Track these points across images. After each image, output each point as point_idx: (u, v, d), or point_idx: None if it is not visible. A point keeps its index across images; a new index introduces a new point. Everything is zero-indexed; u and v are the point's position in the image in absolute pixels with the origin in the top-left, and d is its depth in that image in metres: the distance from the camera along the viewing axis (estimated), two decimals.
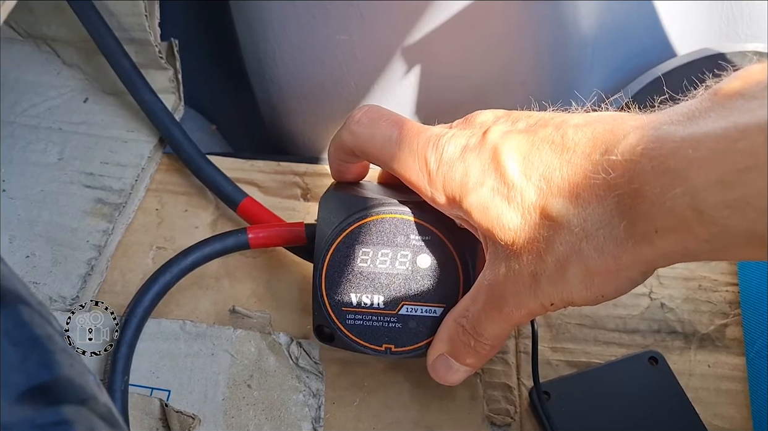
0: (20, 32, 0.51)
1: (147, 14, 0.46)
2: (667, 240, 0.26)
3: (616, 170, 0.26)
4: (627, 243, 0.27)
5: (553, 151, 0.29)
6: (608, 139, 0.27)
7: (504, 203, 0.30)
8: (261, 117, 0.55)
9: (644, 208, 0.26)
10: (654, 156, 0.25)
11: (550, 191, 0.29)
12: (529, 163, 0.29)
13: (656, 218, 0.25)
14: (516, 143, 0.30)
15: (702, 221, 0.24)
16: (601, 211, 0.27)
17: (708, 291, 0.42)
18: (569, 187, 0.28)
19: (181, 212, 0.46)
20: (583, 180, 0.28)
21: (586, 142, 0.28)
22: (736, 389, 0.39)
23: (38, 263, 0.42)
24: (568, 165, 0.28)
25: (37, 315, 0.22)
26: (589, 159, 0.28)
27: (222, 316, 0.42)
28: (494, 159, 0.30)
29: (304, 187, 0.47)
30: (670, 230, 0.25)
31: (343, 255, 0.36)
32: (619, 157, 0.26)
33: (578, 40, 0.48)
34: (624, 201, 0.26)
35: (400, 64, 0.47)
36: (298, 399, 0.38)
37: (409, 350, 0.36)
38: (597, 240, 0.27)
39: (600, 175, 0.27)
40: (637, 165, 0.26)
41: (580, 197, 0.28)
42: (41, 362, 0.21)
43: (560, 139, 0.29)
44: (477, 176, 0.31)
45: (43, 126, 0.48)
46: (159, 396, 0.38)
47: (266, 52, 0.50)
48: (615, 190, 0.26)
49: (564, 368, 0.40)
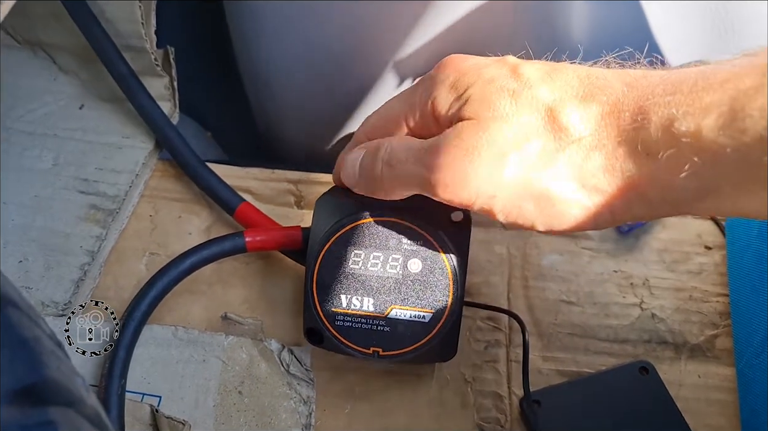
0: (17, 38, 0.52)
1: (143, 22, 0.46)
2: (657, 164, 0.26)
3: (631, 89, 0.27)
4: (617, 159, 0.27)
5: (574, 72, 0.30)
6: (635, 74, 0.28)
7: (512, 94, 0.29)
8: (255, 124, 0.56)
9: (644, 125, 0.26)
10: (670, 82, 0.26)
11: (564, 95, 0.29)
12: (550, 76, 0.30)
13: (652, 137, 0.26)
14: (538, 64, 0.31)
15: (696, 144, 0.25)
16: (605, 122, 0.28)
17: (698, 301, 0.42)
18: (584, 96, 0.28)
19: (174, 218, 0.46)
20: (599, 95, 0.28)
21: (610, 73, 0.29)
22: (726, 399, 0.39)
23: (31, 268, 0.42)
24: (589, 84, 0.29)
25: (25, 318, 0.22)
26: (610, 80, 0.28)
27: (214, 322, 0.42)
28: (513, 69, 0.31)
29: (298, 194, 0.47)
30: (662, 152, 0.26)
31: (335, 257, 0.36)
32: (640, 81, 0.27)
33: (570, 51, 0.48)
34: (628, 117, 0.27)
35: (393, 72, 0.48)
36: (289, 406, 0.38)
37: (397, 354, 0.36)
38: (588, 149, 0.28)
39: (614, 93, 0.28)
40: (652, 87, 0.27)
41: (589, 106, 0.28)
42: (29, 364, 0.21)
43: (585, 69, 0.30)
44: (491, 76, 0.31)
45: (39, 132, 0.48)
46: (150, 401, 0.38)
47: (261, 60, 0.50)
48: (622, 106, 0.27)
49: (554, 377, 0.40)
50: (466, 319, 0.41)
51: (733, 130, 0.24)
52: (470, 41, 0.46)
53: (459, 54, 0.33)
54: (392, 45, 0.46)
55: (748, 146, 0.23)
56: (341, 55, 0.48)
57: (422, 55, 0.46)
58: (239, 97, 0.55)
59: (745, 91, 0.24)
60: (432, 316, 0.36)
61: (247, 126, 0.56)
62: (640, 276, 0.43)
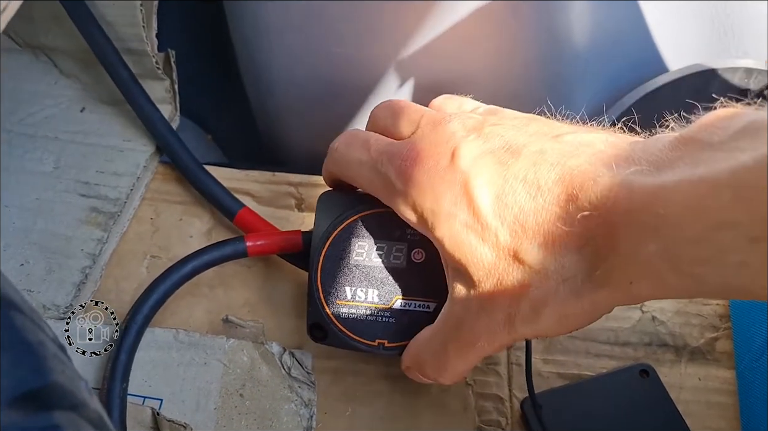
0: (19, 42, 0.52)
1: (144, 25, 0.46)
2: (642, 288, 0.26)
3: (590, 221, 0.26)
4: (602, 289, 0.27)
5: (526, 191, 0.29)
6: (578, 182, 0.27)
7: (477, 240, 0.30)
8: (256, 127, 0.56)
9: (618, 260, 0.26)
10: (626, 209, 0.25)
11: (525, 236, 0.28)
12: (503, 204, 0.29)
13: (630, 270, 0.26)
14: (488, 176, 0.30)
15: (677, 274, 0.25)
16: (577, 258, 0.27)
17: (698, 304, 0.42)
18: (544, 234, 0.28)
19: (176, 221, 0.46)
20: (557, 229, 0.28)
21: (558, 185, 0.28)
22: (726, 402, 0.39)
23: (32, 271, 0.42)
24: (542, 211, 0.28)
25: (29, 322, 0.22)
26: (562, 206, 0.28)
27: (215, 325, 0.42)
28: (466, 192, 0.30)
29: (299, 197, 0.47)
30: (644, 280, 0.26)
31: (339, 249, 0.36)
32: (592, 210, 0.26)
33: (570, 54, 0.48)
34: (599, 251, 0.27)
35: (394, 77, 0.48)
36: (290, 409, 0.38)
37: (402, 346, 0.36)
38: (573, 285, 0.28)
39: (574, 226, 0.27)
40: (609, 217, 0.26)
41: (555, 245, 0.28)
42: (32, 368, 0.21)
43: (534, 178, 0.29)
44: (448, 207, 0.30)
45: (40, 135, 0.48)
46: (151, 405, 0.38)
47: (262, 63, 0.50)
48: (589, 240, 0.27)
49: (555, 380, 0.40)
50: None
51: (709, 261, 0.24)
52: (471, 43, 0.46)
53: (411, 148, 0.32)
54: (393, 48, 0.46)
55: (730, 267, 0.23)
56: (342, 58, 0.48)
57: (424, 56, 0.46)
58: (240, 99, 0.55)
59: (712, 227, 0.23)
60: (436, 306, 0.35)
61: (248, 129, 0.56)
62: None
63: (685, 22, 0.51)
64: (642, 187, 0.25)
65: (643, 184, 0.25)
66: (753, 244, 0.22)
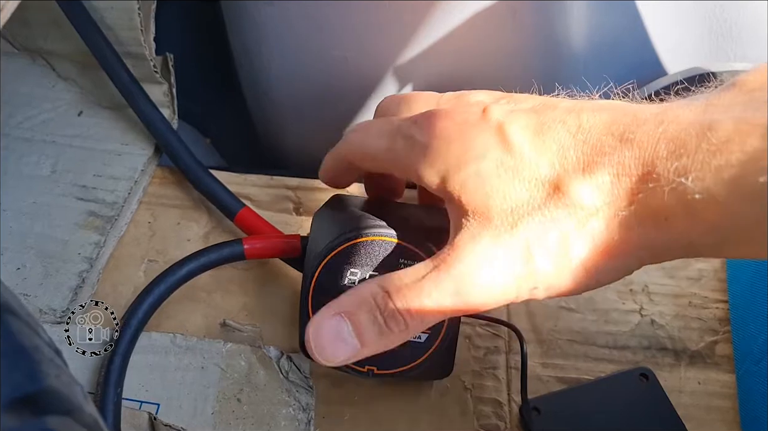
0: (16, 45, 0.52)
1: (143, 29, 0.46)
2: (676, 226, 0.25)
3: (633, 149, 0.26)
4: (635, 225, 0.26)
5: (566, 130, 0.28)
6: (627, 122, 0.27)
7: (508, 176, 0.28)
8: (254, 131, 0.56)
9: (657, 192, 0.25)
10: (671, 139, 0.25)
11: (564, 168, 0.28)
12: (541, 140, 0.28)
13: (667, 203, 0.25)
14: (524, 120, 0.29)
15: (714, 208, 0.24)
16: (615, 192, 0.27)
17: (698, 308, 0.42)
18: (584, 164, 0.27)
19: (173, 225, 0.46)
20: (599, 158, 0.27)
21: (602, 125, 0.28)
22: (726, 406, 0.39)
23: (29, 275, 0.42)
24: (584, 144, 0.28)
25: (24, 326, 0.22)
26: (605, 140, 0.27)
27: (213, 330, 0.42)
28: (500, 133, 0.29)
29: (297, 201, 0.47)
30: (679, 216, 0.25)
31: (331, 275, 0.35)
32: (637, 136, 0.26)
33: (569, 57, 0.48)
34: (637, 184, 0.26)
35: (392, 80, 0.48)
36: (288, 414, 0.38)
37: (391, 374, 0.36)
38: (607, 221, 0.27)
39: (615, 154, 0.26)
40: (654, 148, 0.26)
41: (595, 175, 0.27)
42: (28, 372, 0.21)
43: (574, 121, 0.28)
44: (478, 149, 0.29)
45: (37, 139, 0.48)
46: (148, 409, 0.38)
47: (260, 66, 0.50)
48: (629, 170, 0.26)
49: (554, 384, 0.40)
50: (465, 326, 0.41)
51: (747, 191, 0.23)
52: (470, 46, 0.46)
53: (435, 111, 0.31)
54: (391, 51, 0.46)
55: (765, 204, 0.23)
56: (340, 62, 0.48)
57: (423, 60, 0.46)
58: (239, 103, 0.55)
59: (752, 153, 0.23)
60: (428, 336, 0.35)
61: (247, 132, 0.56)
62: (640, 282, 0.43)
63: (683, 25, 0.51)
64: (692, 119, 0.25)
65: (693, 117, 0.25)
66: None
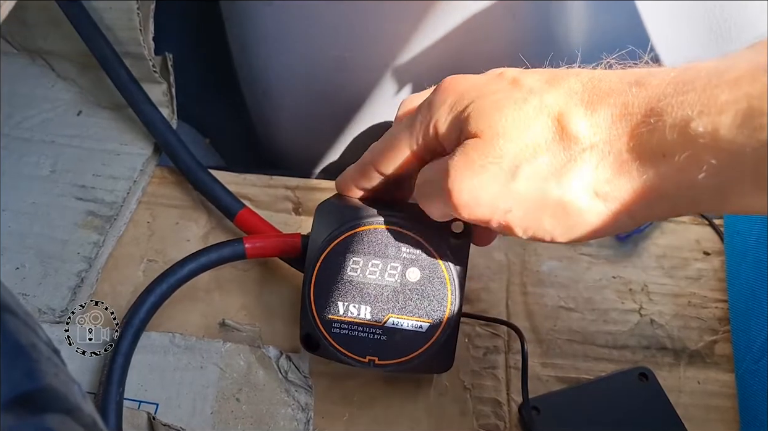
0: (15, 46, 0.52)
1: (141, 29, 0.46)
2: (673, 166, 0.25)
3: (642, 90, 0.26)
4: (631, 165, 0.26)
5: (578, 79, 0.29)
6: (642, 72, 0.27)
7: (516, 104, 0.29)
8: (254, 131, 0.56)
9: (658, 127, 0.25)
10: (681, 80, 0.25)
11: (568, 103, 0.28)
12: (551, 85, 0.29)
13: (668, 138, 0.25)
14: (538, 74, 0.30)
15: (714, 145, 0.24)
16: (614, 129, 0.27)
17: (697, 307, 0.42)
18: (590, 103, 0.27)
19: (172, 225, 0.46)
20: (605, 98, 0.27)
21: (616, 75, 0.28)
22: (725, 406, 0.39)
23: (28, 275, 0.42)
24: (593, 88, 0.28)
25: (22, 325, 0.22)
26: (615, 85, 0.27)
27: (212, 329, 0.42)
28: (513, 82, 0.30)
29: (296, 200, 0.47)
30: (679, 152, 0.25)
31: (333, 264, 0.36)
32: (647, 80, 0.26)
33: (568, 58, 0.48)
34: (639, 122, 0.26)
35: (391, 81, 0.48)
36: (287, 413, 0.38)
37: (393, 364, 0.36)
38: (599, 156, 0.27)
39: (622, 95, 0.27)
40: (663, 87, 0.26)
41: (597, 111, 0.27)
42: (26, 371, 0.20)
43: (588, 73, 0.29)
44: (490, 86, 0.30)
45: (37, 139, 0.48)
46: (147, 409, 0.38)
47: (259, 66, 0.50)
48: (634, 108, 0.26)
49: (554, 383, 0.40)
50: (464, 326, 0.41)
51: (752, 128, 0.23)
52: (469, 46, 0.46)
53: (456, 75, 0.33)
54: (391, 51, 0.46)
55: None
56: (339, 62, 0.48)
57: (422, 60, 0.46)
58: (238, 103, 0.55)
59: (760, 89, 0.23)
60: (429, 326, 0.35)
61: (246, 132, 0.56)
62: (639, 282, 0.43)
63: (682, 25, 0.51)
64: (703, 63, 0.25)
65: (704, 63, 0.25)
66: None
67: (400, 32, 0.45)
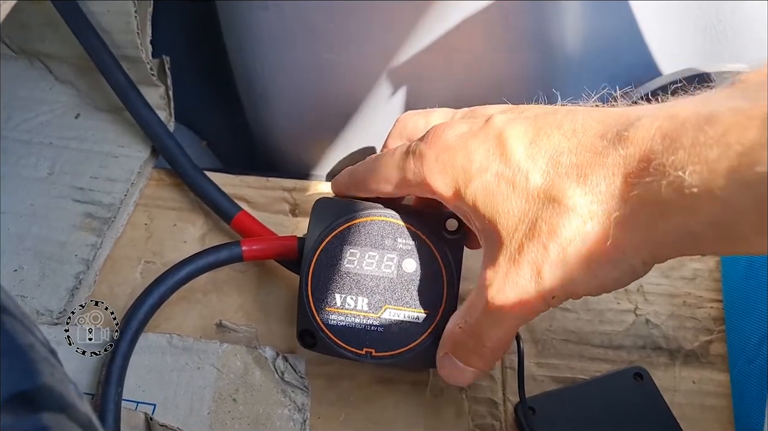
0: (14, 48, 0.52)
1: (139, 32, 0.46)
2: (673, 222, 0.25)
3: (628, 147, 0.26)
4: (633, 226, 0.26)
5: (562, 134, 0.29)
6: (621, 121, 0.27)
7: (509, 188, 0.29)
8: (251, 133, 0.56)
9: (652, 187, 0.25)
10: (667, 134, 0.25)
11: (558, 174, 0.28)
12: (536, 147, 0.29)
13: (663, 198, 0.25)
14: (523, 128, 0.30)
15: (710, 200, 0.24)
16: (609, 192, 0.27)
17: (692, 307, 0.43)
18: (578, 168, 0.28)
19: (170, 227, 0.46)
20: (593, 159, 0.27)
21: (597, 125, 0.28)
22: (720, 405, 0.39)
23: (26, 276, 0.42)
24: (578, 147, 0.28)
25: (19, 325, 0.22)
26: (599, 139, 0.27)
27: (209, 330, 0.42)
28: (499, 143, 0.30)
29: (293, 202, 0.47)
30: (676, 211, 0.25)
31: (330, 255, 0.36)
32: (631, 134, 0.26)
33: (564, 59, 0.48)
34: (632, 181, 0.26)
35: (386, 84, 0.48)
36: (284, 414, 0.38)
37: (389, 355, 0.36)
38: (602, 223, 0.27)
39: (609, 155, 0.27)
40: (649, 143, 0.25)
41: (588, 178, 0.27)
42: (23, 370, 0.21)
43: (570, 124, 0.29)
44: (481, 161, 0.30)
45: (35, 141, 0.48)
46: (144, 409, 0.38)
47: (256, 69, 0.50)
48: (624, 168, 0.26)
49: (549, 384, 0.40)
50: None
51: (747, 183, 0.23)
52: (464, 48, 0.46)
53: (442, 124, 0.33)
54: (386, 53, 0.47)
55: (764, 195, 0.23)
56: (335, 65, 0.48)
57: (417, 63, 0.47)
58: (235, 105, 0.55)
59: (750, 145, 0.23)
60: (426, 317, 0.36)
61: (243, 134, 0.56)
62: (635, 282, 0.43)
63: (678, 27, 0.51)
64: (687, 114, 0.25)
65: (688, 112, 0.25)
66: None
67: (395, 35, 0.45)
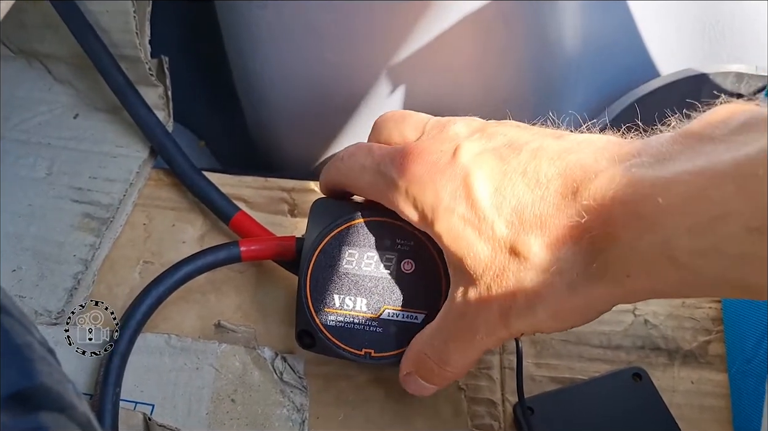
0: (12, 49, 0.52)
1: (138, 32, 0.46)
2: (638, 282, 0.26)
3: (589, 214, 0.27)
4: (598, 283, 0.27)
5: (525, 184, 0.29)
6: (579, 176, 0.28)
7: (474, 234, 0.30)
8: (249, 133, 0.56)
9: (616, 252, 0.26)
10: (625, 201, 0.26)
11: (522, 228, 0.29)
12: (501, 196, 0.30)
13: (628, 262, 0.26)
14: (488, 170, 0.30)
15: (674, 267, 0.25)
16: (574, 251, 0.27)
17: (691, 308, 0.43)
18: (541, 225, 0.28)
19: (168, 227, 0.46)
20: (556, 220, 0.28)
21: (558, 179, 0.28)
22: (719, 406, 0.39)
23: (24, 277, 0.42)
24: (541, 202, 0.28)
25: (17, 324, 0.22)
26: (561, 199, 0.28)
27: (207, 331, 0.42)
28: (465, 185, 0.30)
29: (292, 202, 0.47)
30: (641, 273, 0.26)
31: (329, 256, 0.36)
32: (591, 202, 0.27)
33: (562, 59, 0.48)
34: (596, 243, 0.27)
35: (385, 83, 0.48)
36: (282, 414, 0.38)
37: (388, 356, 0.36)
38: (569, 278, 0.28)
39: (573, 218, 0.27)
40: (609, 209, 0.26)
41: (552, 236, 0.28)
42: (21, 370, 0.21)
43: (534, 172, 0.29)
44: (447, 201, 0.31)
45: (33, 141, 0.48)
46: (143, 410, 0.38)
47: (255, 69, 0.50)
48: (588, 232, 0.27)
49: (548, 384, 0.40)
50: None
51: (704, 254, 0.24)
52: (462, 49, 0.46)
53: (412, 146, 0.33)
54: (385, 54, 0.47)
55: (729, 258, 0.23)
56: (334, 65, 0.48)
57: (415, 63, 0.47)
58: (233, 106, 0.55)
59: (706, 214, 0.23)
60: (424, 317, 0.36)
61: (241, 135, 0.56)
62: None
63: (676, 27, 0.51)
64: (642, 178, 0.25)
65: (643, 176, 0.25)
66: (752, 234, 0.22)
67: (394, 35, 0.46)
